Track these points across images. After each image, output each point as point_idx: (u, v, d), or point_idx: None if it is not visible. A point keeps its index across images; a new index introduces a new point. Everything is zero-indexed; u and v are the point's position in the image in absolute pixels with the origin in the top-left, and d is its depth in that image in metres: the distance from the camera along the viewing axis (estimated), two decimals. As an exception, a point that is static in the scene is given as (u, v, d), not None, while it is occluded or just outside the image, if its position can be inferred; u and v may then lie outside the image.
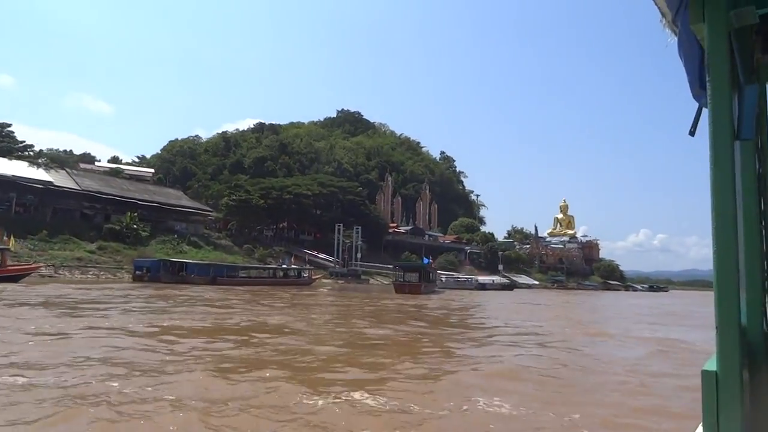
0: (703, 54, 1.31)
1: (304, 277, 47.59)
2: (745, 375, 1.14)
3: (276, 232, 76.41)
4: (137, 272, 36.32)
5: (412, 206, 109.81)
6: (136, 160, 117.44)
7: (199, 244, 55.14)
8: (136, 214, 48.17)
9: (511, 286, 64.22)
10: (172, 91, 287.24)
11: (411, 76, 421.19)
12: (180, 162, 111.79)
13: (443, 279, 61.87)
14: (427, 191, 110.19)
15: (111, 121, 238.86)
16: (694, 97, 1.50)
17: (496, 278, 68.41)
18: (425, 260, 48.80)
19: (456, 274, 64.08)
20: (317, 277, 47.87)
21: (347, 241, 66.41)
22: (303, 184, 74.81)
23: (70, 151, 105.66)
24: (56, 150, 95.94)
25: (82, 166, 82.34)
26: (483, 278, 64.23)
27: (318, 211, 77.27)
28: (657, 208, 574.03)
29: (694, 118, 1.52)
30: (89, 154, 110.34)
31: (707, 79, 1.22)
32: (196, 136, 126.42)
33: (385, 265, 71.01)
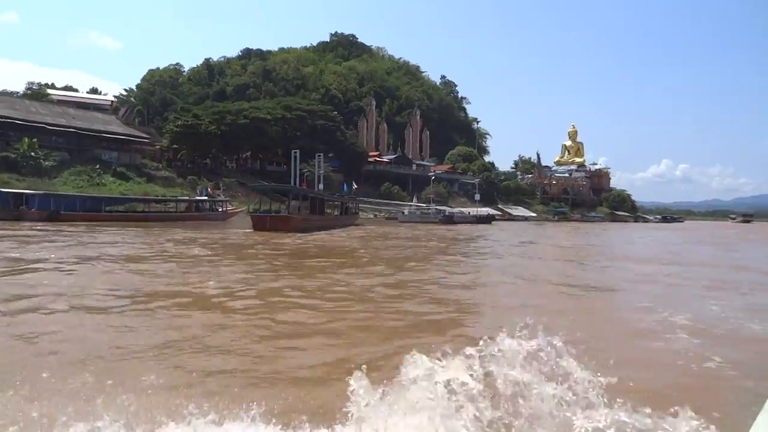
0: None
1: (218, 211, 40.88)
2: None
3: (238, 163, 69.90)
4: (-24, 209, 30.14)
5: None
6: (124, 93, 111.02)
7: (128, 175, 49.00)
8: (35, 140, 41.79)
9: (488, 219, 56.53)
10: (179, 25, 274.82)
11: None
12: (159, 92, 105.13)
13: (405, 211, 54.82)
14: (418, 117, 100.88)
15: (119, 57, 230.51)
16: None
17: (473, 210, 60.78)
18: (344, 187, 41.70)
19: (422, 205, 56.81)
20: (236, 210, 40.97)
21: (309, 171, 59.17)
22: (263, 108, 67.00)
23: (53, 84, 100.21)
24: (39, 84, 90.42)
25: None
26: (454, 210, 56.86)
27: (287, 139, 69.87)
28: (679, 137, 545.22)
29: None
30: (71, 86, 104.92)
31: None
32: (177, 63, 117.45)
33: (366, 199, 64.09)
